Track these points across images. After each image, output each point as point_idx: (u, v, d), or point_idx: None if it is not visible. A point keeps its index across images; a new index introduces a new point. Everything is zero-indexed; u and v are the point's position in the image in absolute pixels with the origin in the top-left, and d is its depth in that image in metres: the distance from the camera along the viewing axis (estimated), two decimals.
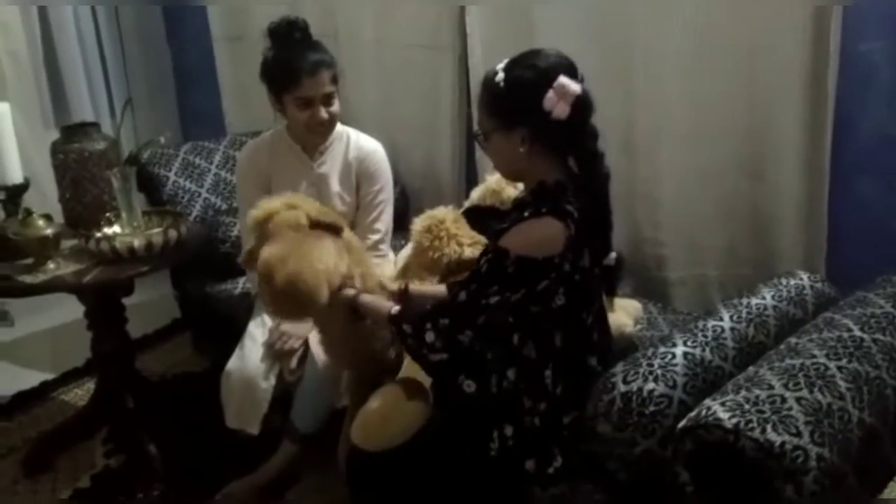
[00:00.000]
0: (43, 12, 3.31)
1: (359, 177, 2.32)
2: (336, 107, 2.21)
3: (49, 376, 2.91)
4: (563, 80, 1.45)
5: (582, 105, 1.48)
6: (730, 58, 2.32)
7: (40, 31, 3.30)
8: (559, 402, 1.53)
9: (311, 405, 2.14)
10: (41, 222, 2.14)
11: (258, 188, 2.26)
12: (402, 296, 1.79)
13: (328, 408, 2.11)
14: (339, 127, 2.32)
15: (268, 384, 2.14)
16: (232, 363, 2.19)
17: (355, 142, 2.34)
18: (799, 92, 2.23)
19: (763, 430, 1.23)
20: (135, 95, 3.64)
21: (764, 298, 1.73)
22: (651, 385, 1.43)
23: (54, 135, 2.52)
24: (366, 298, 1.69)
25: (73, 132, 2.37)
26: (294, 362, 2.13)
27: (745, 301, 1.72)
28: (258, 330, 2.23)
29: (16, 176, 2.23)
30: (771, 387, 1.33)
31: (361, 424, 1.60)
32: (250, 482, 2.18)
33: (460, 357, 1.50)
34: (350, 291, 1.70)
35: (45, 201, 2.73)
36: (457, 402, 1.56)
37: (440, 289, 1.83)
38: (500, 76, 1.51)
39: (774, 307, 1.71)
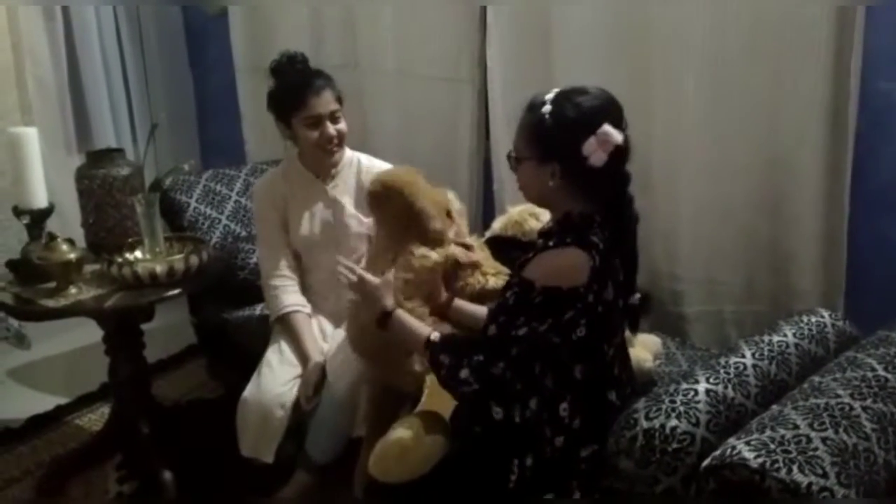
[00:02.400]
0: (69, 39, 3.38)
1: None
2: (343, 125, 2.28)
3: (63, 400, 2.92)
4: (606, 128, 1.44)
5: (620, 154, 1.48)
6: (749, 93, 2.33)
7: (66, 57, 3.36)
8: (577, 435, 1.52)
9: (326, 435, 2.13)
10: (65, 247, 2.16)
11: (276, 217, 2.32)
12: (447, 307, 1.84)
13: (344, 437, 2.11)
14: (348, 152, 2.37)
15: (283, 412, 2.14)
16: (248, 391, 2.19)
17: (367, 165, 2.39)
18: (819, 128, 2.24)
19: (789, 471, 1.22)
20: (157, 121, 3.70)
21: (785, 336, 1.72)
22: (674, 422, 1.42)
23: (77, 160, 2.57)
24: (403, 316, 1.69)
25: (98, 158, 2.41)
26: (311, 390, 2.13)
27: (766, 338, 1.71)
28: (275, 357, 2.24)
29: (41, 200, 2.26)
30: (796, 426, 1.32)
31: (380, 456, 1.59)
32: None
33: (492, 387, 1.51)
34: (390, 302, 1.70)
35: (65, 226, 2.76)
36: (483, 427, 1.56)
37: (481, 310, 1.82)
38: (548, 108, 1.49)
39: (796, 345, 1.70)
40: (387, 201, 1.94)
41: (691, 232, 2.57)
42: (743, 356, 1.62)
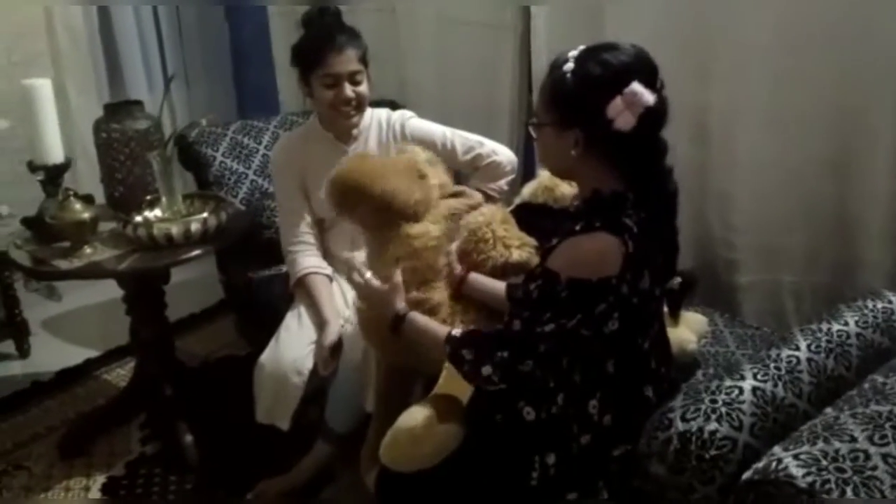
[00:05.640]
0: None
1: (414, 142, 2.21)
2: (364, 87, 2.13)
3: (93, 353, 2.91)
4: (635, 87, 1.26)
5: (652, 117, 1.29)
6: (819, 38, 2.09)
7: (97, 6, 3.25)
8: (607, 433, 1.39)
9: (344, 405, 2.04)
10: (78, 206, 2.08)
11: (294, 183, 2.22)
12: (461, 281, 1.71)
13: (361, 408, 2.01)
14: (369, 111, 2.24)
15: (300, 379, 2.05)
16: (265, 356, 2.11)
17: (387, 119, 2.26)
18: None
19: (843, 493, 1.06)
20: (191, 71, 3.60)
21: (846, 324, 1.53)
22: (713, 425, 1.26)
23: None
24: (416, 317, 1.58)
25: (116, 110, 2.30)
26: (326, 353, 2.02)
27: (824, 327, 1.52)
28: (294, 321, 2.15)
29: (57, 156, 2.17)
30: (853, 439, 1.16)
31: (390, 444, 1.48)
32: (284, 482, 2.11)
33: (519, 385, 1.39)
34: (401, 305, 1.59)
35: (97, 180, 2.69)
36: (504, 418, 1.45)
37: (499, 285, 1.70)
38: (569, 66, 1.32)
39: (858, 335, 1.51)
40: (350, 202, 1.75)
41: (749, 192, 2.37)
42: (797, 348, 1.44)
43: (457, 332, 1.47)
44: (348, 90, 2.09)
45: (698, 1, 2.25)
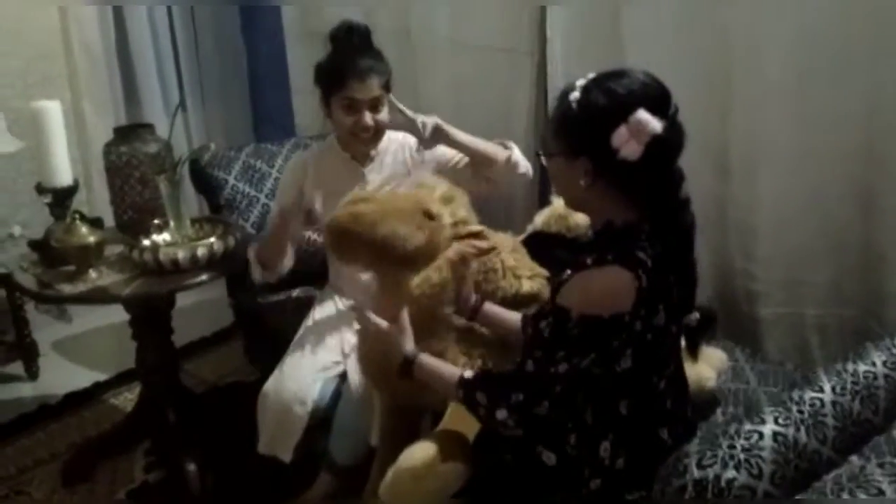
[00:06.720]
0: (118, 9, 3.27)
1: (428, 163, 2.22)
2: (384, 115, 2.11)
3: (102, 377, 2.88)
4: (640, 115, 1.21)
5: (661, 146, 1.23)
6: (845, 68, 2.04)
7: (114, 27, 3.27)
8: (620, 477, 1.32)
9: (349, 437, 1.99)
10: (84, 229, 2.05)
11: (296, 189, 2.15)
12: (475, 312, 1.65)
13: (364, 440, 1.96)
14: (391, 134, 2.21)
15: (303, 409, 2.00)
16: (269, 385, 2.07)
17: (403, 140, 2.24)
18: None
19: None
20: (207, 93, 3.59)
21: (873, 364, 1.45)
22: (731, 473, 1.19)
23: None
24: (427, 359, 1.49)
25: (126, 134, 2.29)
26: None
27: (850, 367, 1.44)
28: (298, 351, 2.11)
29: (65, 178, 2.13)
30: (880, 492, 1.08)
31: (390, 485, 1.42)
32: None
33: (536, 429, 1.33)
34: (409, 348, 1.51)
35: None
36: (523, 469, 1.38)
37: (514, 316, 1.63)
38: (576, 95, 1.29)
39: (886, 376, 1.43)
40: (346, 247, 1.65)
41: (772, 224, 2.30)
42: (821, 390, 1.36)
43: (469, 374, 1.41)
44: (367, 118, 2.06)
45: (720, 33, 2.20)
